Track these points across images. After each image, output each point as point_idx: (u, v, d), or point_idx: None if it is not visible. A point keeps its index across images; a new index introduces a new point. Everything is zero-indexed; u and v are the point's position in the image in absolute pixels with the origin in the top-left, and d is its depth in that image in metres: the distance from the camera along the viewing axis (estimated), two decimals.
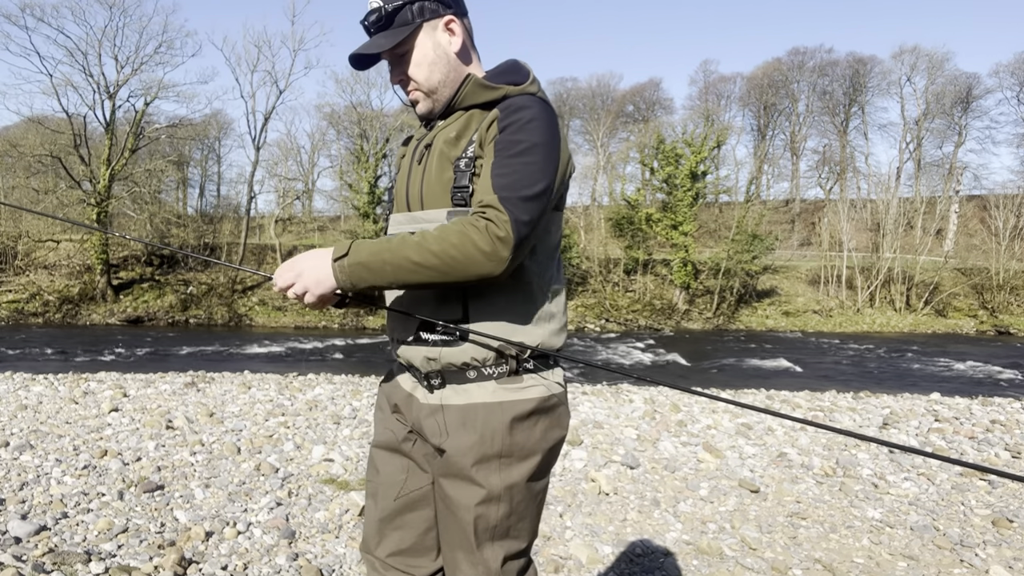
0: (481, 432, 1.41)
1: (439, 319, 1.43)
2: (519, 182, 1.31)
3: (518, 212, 1.29)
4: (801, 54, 49.65)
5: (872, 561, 3.52)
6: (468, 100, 1.49)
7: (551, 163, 1.36)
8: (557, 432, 1.49)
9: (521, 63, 1.54)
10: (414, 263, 1.30)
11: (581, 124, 51.19)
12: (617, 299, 34.66)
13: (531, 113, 1.38)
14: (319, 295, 1.39)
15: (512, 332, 1.42)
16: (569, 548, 3.53)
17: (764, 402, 8.36)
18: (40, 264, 32.26)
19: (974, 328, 32.25)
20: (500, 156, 1.35)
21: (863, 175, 48.32)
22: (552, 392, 1.47)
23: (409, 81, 1.51)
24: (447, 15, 1.48)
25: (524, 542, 1.49)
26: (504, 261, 1.28)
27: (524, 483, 1.44)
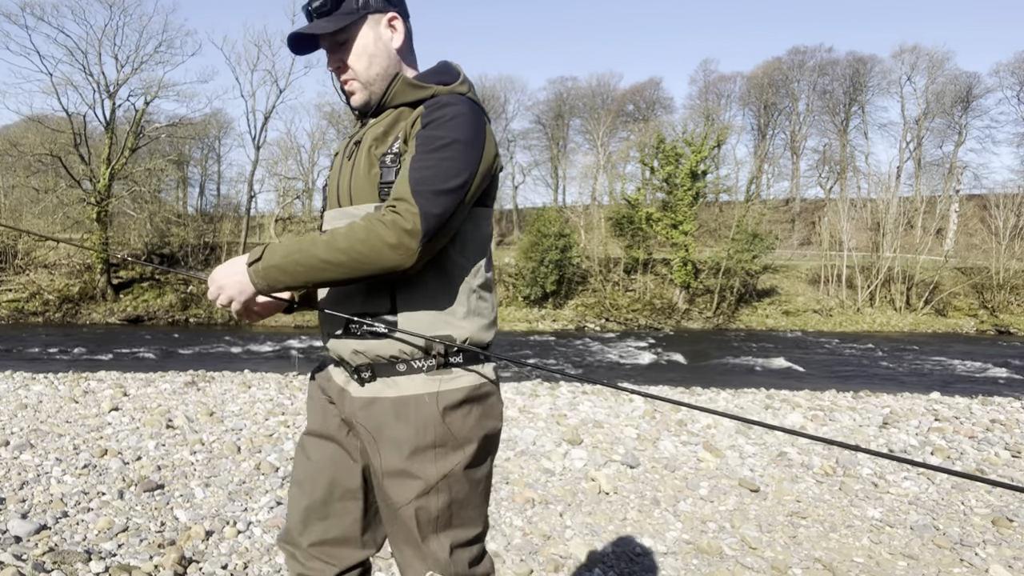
0: (415, 424, 1.43)
1: (368, 313, 1.46)
2: (434, 176, 1.34)
3: (428, 205, 1.32)
4: (801, 53, 49.64)
5: (872, 560, 3.53)
6: (398, 98, 1.53)
7: (470, 159, 1.38)
8: (491, 422, 1.51)
9: (452, 64, 1.59)
10: (323, 261, 1.33)
11: (581, 123, 51.17)
12: (617, 298, 34.67)
13: (454, 110, 1.41)
14: (243, 301, 1.44)
15: (440, 326, 1.45)
16: (569, 547, 3.54)
17: (764, 401, 8.35)
18: (40, 263, 32.25)
19: (974, 327, 32.25)
20: (419, 151, 1.38)
21: (863, 174, 48.33)
22: (483, 380, 1.49)
23: (347, 70, 1.53)
24: (391, 12, 1.54)
25: (472, 530, 1.50)
26: (413, 253, 1.31)
27: (462, 471, 1.45)
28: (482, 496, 1.53)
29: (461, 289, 1.47)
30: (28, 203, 34.21)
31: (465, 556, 1.49)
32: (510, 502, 4.20)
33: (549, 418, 6.76)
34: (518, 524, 3.86)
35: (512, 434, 5.96)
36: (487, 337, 1.52)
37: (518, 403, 7.56)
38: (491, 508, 4.08)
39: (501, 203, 51.53)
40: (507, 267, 36.14)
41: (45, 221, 33.60)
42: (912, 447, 5.93)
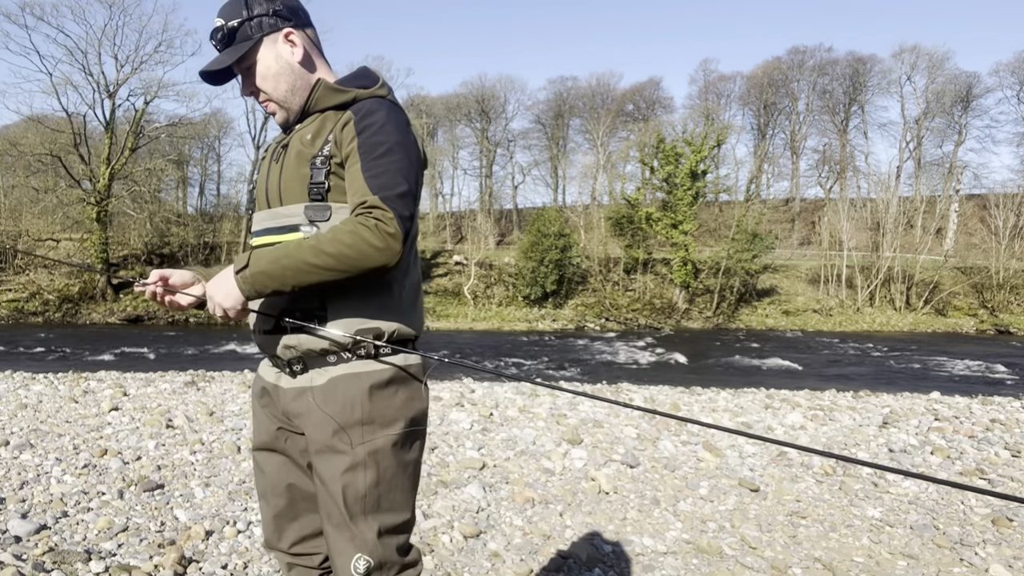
0: (342, 401, 1.48)
1: (297, 309, 1.51)
2: (392, 181, 1.41)
3: (400, 208, 1.40)
4: (801, 53, 49.63)
5: (872, 560, 3.53)
6: (321, 103, 1.56)
7: (413, 161, 1.47)
8: (419, 404, 1.56)
9: (371, 70, 1.64)
10: (312, 265, 1.39)
11: (581, 123, 51.18)
12: (617, 298, 34.67)
13: (383, 116, 1.47)
14: (231, 307, 1.48)
15: (368, 321, 1.50)
16: (569, 547, 3.54)
17: (764, 401, 8.35)
18: (40, 263, 32.25)
19: (974, 327, 32.26)
20: (366, 159, 1.43)
21: (863, 174, 48.34)
22: (408, 363, 1.54)
23: (259, 93, 1.59)
24: (286, 28, 1.56)
25: (400, 516, 1.52)
26: (397, 254, 1.39)
27: (389, 449, 1.49)
28: (410, 482, 1.55)
29: (389, 284, 1.52)
30: (28, 203, 34.20)
31: (393, 542, 1.50)
32: (510, 502, 4.20)
33: (549, 418, 6.76)
34: (518, 524, 3.86)
35: (512, 434, 5.96)
36: (415, 330, 1.58)
37: (518, 403, 7.55)
38: (491, 508, 4.08)
39: (501, 203, 51.63)
40: (507, 267, 36.14)
41: (45, 221, 33.62)
42: (912, 447, 5.93)
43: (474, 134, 52.47)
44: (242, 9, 1.53)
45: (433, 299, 34.30)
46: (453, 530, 3.67)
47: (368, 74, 1.61)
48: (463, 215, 49.79)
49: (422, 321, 1.62)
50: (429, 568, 3.20)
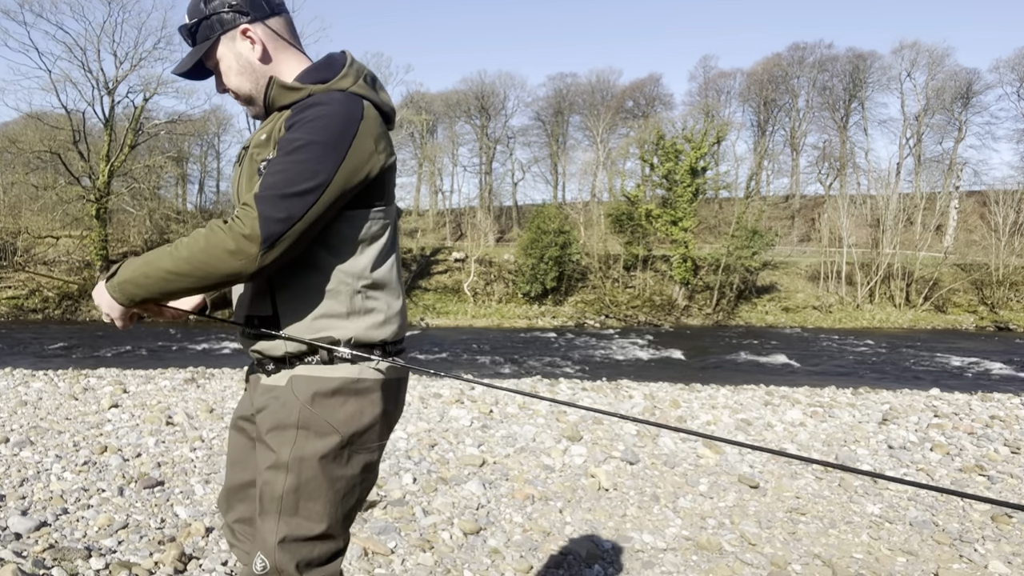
0: (284, 401, 1.46)
1: (254, 316, 1.51)
2: (282, 181, 1.33)
3: (271, 210, 1.31)
4: (801, 49, 49.52)
5: (871, 556, 3.53)
6: (277, 102, 1.51)
7: (327, 160, 1.35)
8: (365, 419, 1.48)
9: (337, 56, 1.55)
10: (169, 271, 1.35)
11: (581, 120, 51.09)
12: (617, 295, 34.67)
13: (318, 111, 1.38)
14: (119, 315, 1.45)
15: (320, 327, 1.46)
16: (569, 543, 3.54)
17: (763, 397, 8.36)
18: (40, 260, 32.24)
19: (974, 324, 32.27)
20: (277, 155, 1.38)
21: (863, 171, 48.29)
22: (364, 376, 1.48)
23: (228, 89, 1.57)
24: (242, 23, 1.50)
25: (314, 527, 1.44)
26: (253, 258, 1.31)
27: (316, 460, 1.43)
28: (336, 496, 1.46)
29: (341, 290, 1.47)
30: (27, 200, 34.16)
31: (295, 553, 1.43)
32: (510, 498, 4.21)
33: (549, 414, 6.76)
34: (518, 520, 3.86)
35: (512, 430, 5.96)
36: (378, 335, 1.51)
37: (518, 399, 7.56)
38: (491, 504, 4.08)
39: (501, 200, 51.59)
40: (507, 264, 36.14)
41: (44, 218, 33.57)
42: (912, 443, 5.93)
43: (474, 131, 52.44)
44: (200, 5, 1.50)
45: (433, 296, 34.30)
46: (453, 527, 3.68)
47: (330, 64, 1.53)
48: (463, 212, 49.76)
49: (397, 328, 1.55)
50: (429, 565, 3.21)
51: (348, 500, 1.49)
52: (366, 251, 1.49)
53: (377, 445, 1.53)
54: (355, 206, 1.45)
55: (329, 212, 1.39)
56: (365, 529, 3.57)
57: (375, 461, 1.54)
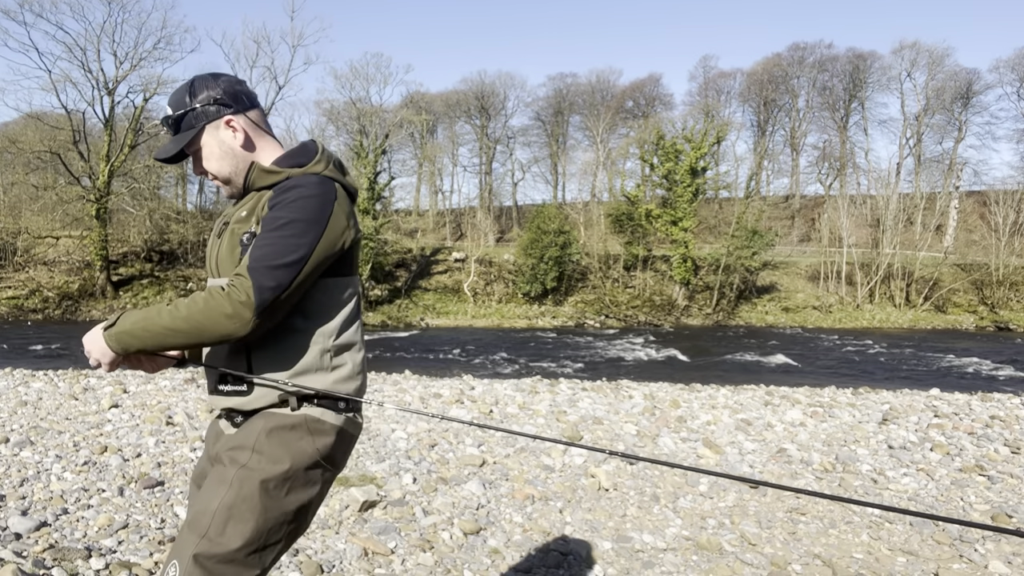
0: (245, 431, 1.60)
1: (229, 372, 1.63)
2: (270, 254, 1.49)
3: (262, 279, 1.47)
4: (801, 50, 49.51)
5: (871, 556, 3.53)
6: (257, 183, 1.68)
7: (308, 236, 1.52)
8: (317, 456, 1.58)
9: (310, 144, 1.73)
10: (167, 328, 1.49)
11: (581, 120, 51.07)
12: (617, 295, 34.66)
13: (298, 192, 1.55)
14: (108, 363, 1.58)
15: (291, 381, 1.59)
16: (569, 543, 3.54)
17: (763, 398, 8.36)
18: (40, 260, 32.23)
19: (974, 324, 32.26)
20: (262, 232, 1.54)
21: (863, 171, 48.27)
22: (324, 418, 1.61)
23: (208, 173, 1.73)
24: (227, 115, 1.68)
25: (232, 543, 1.49)
26: (248, 322, 1.47)
27: (258, 481, 1.52)
28: (263, 524, 1.52)
29: (311, 350, 1.60)
30: (27, 200, 34.16)
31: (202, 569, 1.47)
32: (510, 498, 4.21)
33: (549, 415, 6.76)
34: (518, 520, 3.86)
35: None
36: (344, 390, 1.64)
37: (518, 400, 7.56)
38: (491, 505, 4.08)
39: (501, 200, 51.57)
40: (507, 264, 36.14)
41: (44, 218, 33.57)
42: (912, 443, 5.94)
43: (474, 131, 52.42)
44: (186, 99, 1.67)
45: (433, 296, 34.30)
46: (453, 527, 3.68)
47: (306, 150, 1.70)
48: (463, 212, 49.74)
49: (360, 384, 1.68)
50: (429, 565, 3.21)
51: (273, 535, 1.55)
52: (336, 315, 1.64)
53: (316, 487, 1.61)
54: (327, 275, 1.61)
55: (309, 281, 1.55)
56: (365, 529, 3.57)
57: (307, 506, 1.60)
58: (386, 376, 10.29)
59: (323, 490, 1.65)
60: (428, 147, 50.02)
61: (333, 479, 1.69)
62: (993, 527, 1.02)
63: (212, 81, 1.69)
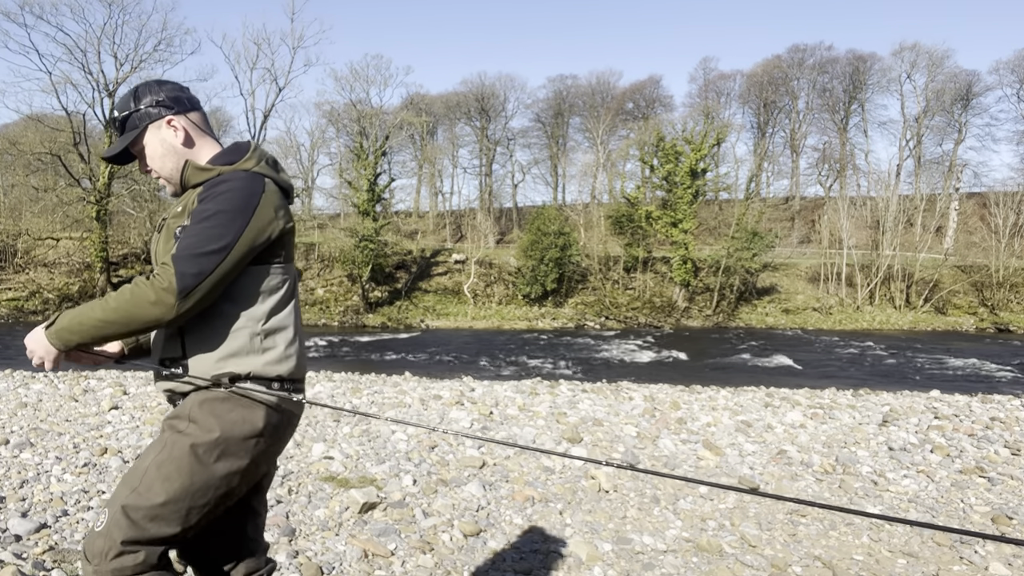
0: (184, 404, 1.72)
1: (166, 358, 1.75)
2: (194, 243, 1.60)
3: (185, 267, 1.57)
4: (801, 51, 49.53)
5: (872, 558, 3.53)
6: (191, 181, 1.79)
7: (233, 225, 1.62)
8: (246, 427, 1.68)
9: (243, 144, 1.85)
10: (101, 320, 1.60)
11: (581, 121, 51.08)
12: (617, 297, 34.66)
13: (225, 186, 1.67)
14: (52, 360, 1.69)
15: (223, 364, 1.69)
16: (569, 545, 3.54)
17: (764, 399, 8.35)
18: (40, 262, 32.23)
19: (974, 325, 32.24)
20: (190, 224, 1.64)
21: (863, 172, 48.27)
22: (254, 396, 1.70)
23: (151, 170, 1.85)
24: (168, 115, 1.80)
25: (156, 498, 1.61)
26: (171, 307, 1.57)
27: (188, 445, 1.64)
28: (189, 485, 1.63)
29: (241, 334, 1.70)
30: (28, 202, 34.16)
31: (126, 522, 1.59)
32: (510, 500, 4.20)
33: (549, 416, 6.76)
34: (518, 522, 3.86)
35: (512, 432, 5.96)
36: (274, 371, 1.74)
37: (518, 401, 7.56)
38: (491, 506, 4.08)
39: (501, 201, 51.57)
40: (507, 265, 36.14)
41: (45, 220, 33.56)
42: (912, 445, 5.93)
43: (474, 132, 52.43)
44: (130, 102, 1.80)
45: (433, 297, 34.29)
46: (453, 528, 3.68)
47: (237, 149, 1.81)
48: (463, 213, 49.74)
49: (293, 365, 1.77)
50: (429, 566, 3.21)
51: (199, 497, 1.65)
52: (266, 300, 1.74)
53: (247, 458, 1.70)
54: (257, 262, 1.71)
55: (236, 268, 1.65)
56: (365, 531, 3.57)
57: (237, 473, 1.69)
58: (386, 378, 10.29)
59: (258, 461, 1.74)
60: (428, 149, 50.03)
61: (270, 454, 1.79)
62: (988, 535, 1.02)
63: (156, 86, 1.82)
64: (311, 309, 32.33)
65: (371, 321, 30.99)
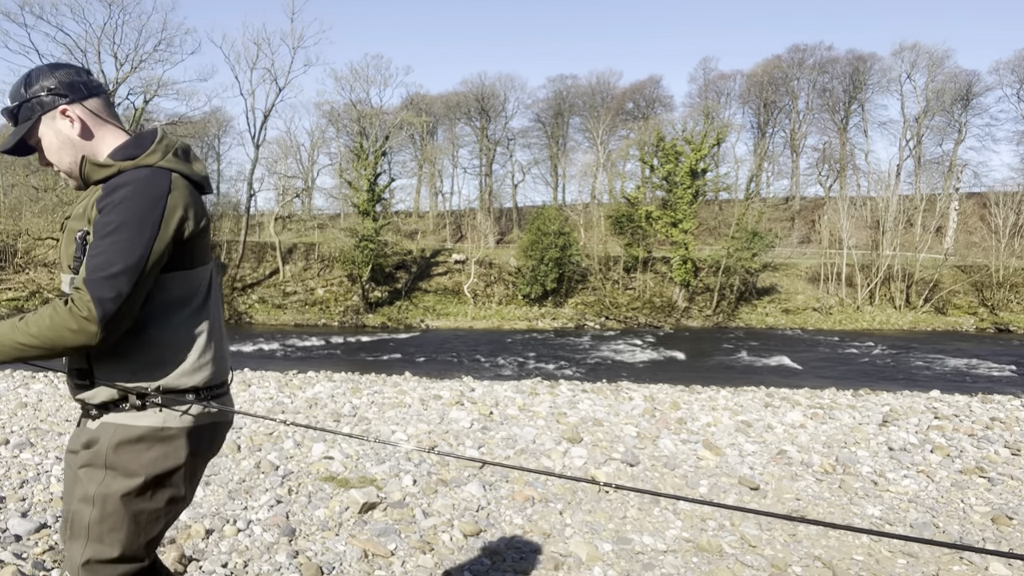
0: (97, 447, 1.63)
1: (74, 369, 1.67)
2: (103, 263, 1.48)
3: (101, 291, 1.47)
4: (801, 51, 49.54)
5: (872, 558, 3.53)
6: (91, 178, 1.66)
7: (140, 238, 1.51)
8: (169, 462, 1.64)
9: (147, 134, 1.70)
10: (21, 344, 1.53)
11: (581, 122, 51.09)
12: (617, 297, 34.66)
13: (123, 192, 1.53)
14: None
15: (131, 377, 1.62)
16: (569, 545, 3.54)
17: (763, 399, 8.35)
18: (40, 262, 32.23)
19: (974, 325, 32.25)
20: (95, 238, 1.52)
21: (863, 172, 48.28)
22: (168, 425, 1.64)
23: (51, 164, 1.71)
24: (61, 104, 1.64)
25: (113, 552, 1.62)
26: (94, 335, 1.48)
27: (119, 497, 1.60)
28: (137, 527, 1.63)
29: (150, 345, 1.62)
30: (28, 202, 34.15)
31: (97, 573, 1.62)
32: (510, 500, 4.20)
33: (549, 416, 6.76)
34: (518, 522, 3.86)
35: (512, 432, 5.96)
36: (187, 382, 1.66)
37: (518, 401, 7.56)
38: (491, 506, 4.08)
39: (501, 201, 51.58)
40: (507, 265, 36.14)
41: (45, 220, 33.54)
42: (912, 445, 5.93)
43: (474, 132, 52.43)
44: (21, 90, 1.65)
45: (433, 297, 34.30)
46: (453, 528, 3.68)
47: (140, 141, 1.67)
48: (463, 214, 49.75)
49: (209, 374, 1.69)
50: (429, 567, 3.21)
51: (151, 528, 1.66)
52: (177, 307, 1.65)
53: (181, 485, 1.68)
54: (167, 269, 1.60)
55: (150, 280, 1.55)
56: (365, 531, 3.57)
57: (182, 495, 1.69)
58: (386, 378, 10.29)
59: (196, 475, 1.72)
60: (428, 149, 50.03)
61: (205, 464, 1.76)
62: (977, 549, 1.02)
63: (48, 72, 1.66)
64: (311, 309, 32.35)
65: (371, 321, 31.00)
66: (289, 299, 33.16)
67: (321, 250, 36.06)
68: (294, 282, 34.49)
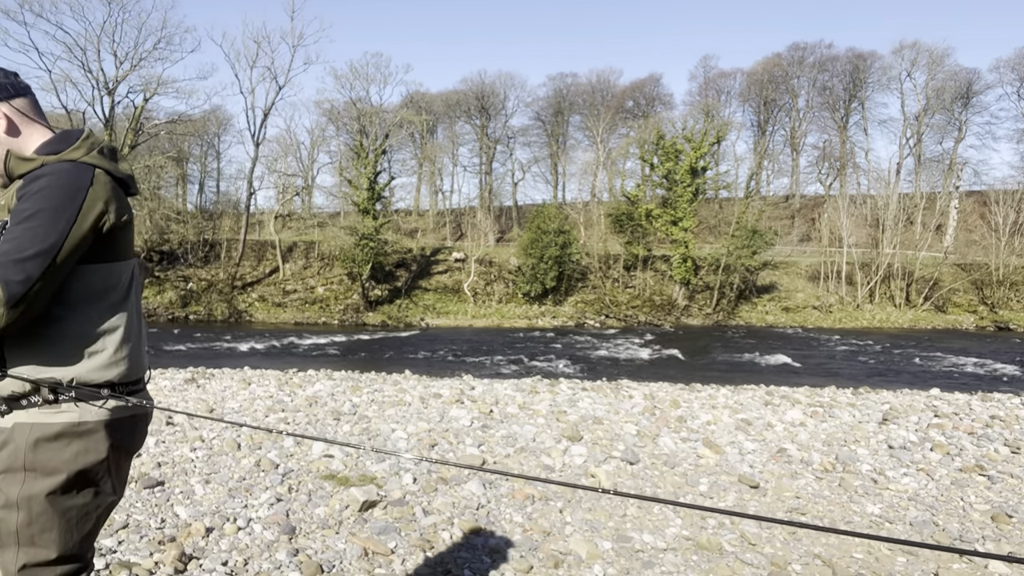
0: (12, 448, 1.60)
1: None
2: (16, 248, 1.49)
3: (9, 274, 1.47)
4: (801, 49, 49.52)
5: (871, 556, 3.53)
6: (16, 172, 1.67)
7: (55, 225, 1.52)
8: (91, 457, 1.63)
9: (74, 132, 1.74)
10: None
11: (581, 120, 51.08)
12: (617, 295, 34.67)
13: (44, 182, 1.55)
14: None
15: (44, 369, 1.60)
16: (569, 543, 3.54)
17: (764, 398, 8.35)
18: None
19: (974, 324, 32.26)
20: (10, 225, 1.54)
21: (863, 171, 48.28)
22: (85, 419, 1.62)
23: None
24: None
25: (50, 553, 1.61)
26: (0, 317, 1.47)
27: (44, 497, 1.58)
28: (68, 524, 1.62)
29: (66, 336, 1.61)
30: None
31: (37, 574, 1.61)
32: (510, 498, 4.21)
33: (549, 414, 6.77)
34: (518, 520, 3.86)
35: (512, 430, 5.97)
36: (102, 376, 1.65)
37: (518, 400, 7.56)
38: (491, 504, 4.08)
39: (501, 200, 51.57)
40: (507, 264, 36.14)
41: None
42: (912, 443, 5.94)
43: (474, 131, 52.42)
44: None
45: (433, 296, 34.31)
46: (453, 526, 3.68)
47: (66, 138, 1.70)
48: (463, 212, 49.74)
49: (124, 369, 1.68)
50: (429, 565, 3.21)
51: (84, 525, 1.65)
52: (94, 301, 1.65)
53: (107, 479, 1.67)
54: (85, 261, 1.61)
55: (64, 268, 1.56)
56: (365, 529, 3.57)
57: (110, 490, 1.69)
58: (386, 376, 10.29)
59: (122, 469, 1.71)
60: (428, 147, 50.02)
61: (130, 455, 1.75)
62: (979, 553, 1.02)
63: None
64: (311, 307, 32.36)
65: (371, 319, 31.00)
66: (289, 297, 33.17)
67: (321, 248, 36.05)
68: (294, 280, 34.50)
